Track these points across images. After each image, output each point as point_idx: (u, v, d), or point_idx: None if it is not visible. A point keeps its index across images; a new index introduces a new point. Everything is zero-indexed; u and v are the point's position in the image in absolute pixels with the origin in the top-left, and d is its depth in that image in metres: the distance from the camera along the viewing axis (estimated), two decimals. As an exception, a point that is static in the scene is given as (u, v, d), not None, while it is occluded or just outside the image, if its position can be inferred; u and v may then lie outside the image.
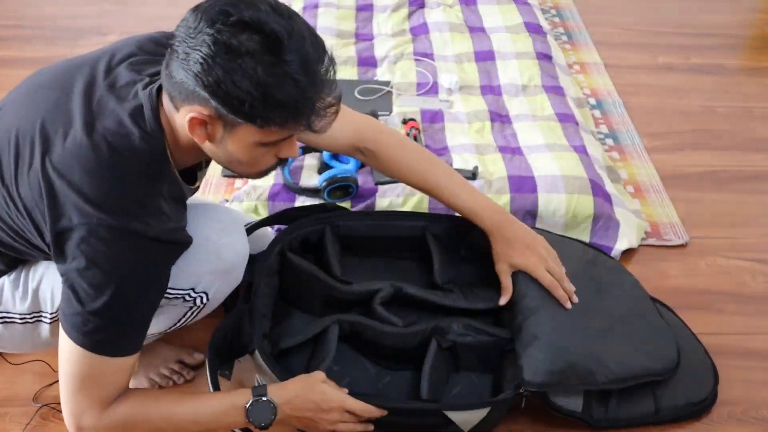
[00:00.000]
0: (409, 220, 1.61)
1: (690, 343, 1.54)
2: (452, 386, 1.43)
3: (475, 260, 1.56)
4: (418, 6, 2.72)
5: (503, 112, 2.19)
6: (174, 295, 1.25)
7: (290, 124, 1.06)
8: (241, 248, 1.31)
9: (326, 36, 2.53)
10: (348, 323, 1.41)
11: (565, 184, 1.83)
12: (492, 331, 1.43)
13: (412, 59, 2.42)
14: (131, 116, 1.10)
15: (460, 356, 1.43)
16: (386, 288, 1.47)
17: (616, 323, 1.46)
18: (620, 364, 1.38)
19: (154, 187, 1.11)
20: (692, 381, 1.46)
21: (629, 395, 1.40)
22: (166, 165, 1.13)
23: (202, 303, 1.29)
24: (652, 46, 2.75)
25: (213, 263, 1.25)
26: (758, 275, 1.78)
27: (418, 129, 2.04)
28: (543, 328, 1.38)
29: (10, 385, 1.47)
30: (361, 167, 1.95)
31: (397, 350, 1.42)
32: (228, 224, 1.31)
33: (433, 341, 1.40)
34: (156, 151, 1.11)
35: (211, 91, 1.00)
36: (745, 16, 3.05)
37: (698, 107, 2.41)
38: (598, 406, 1.39)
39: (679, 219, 1.93)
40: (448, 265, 1.57)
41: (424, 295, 1.48)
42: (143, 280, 1.10)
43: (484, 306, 1.48)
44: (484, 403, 1.33)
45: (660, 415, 1.41)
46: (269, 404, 1.20)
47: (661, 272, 1.78)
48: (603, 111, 2.37)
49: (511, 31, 2.54)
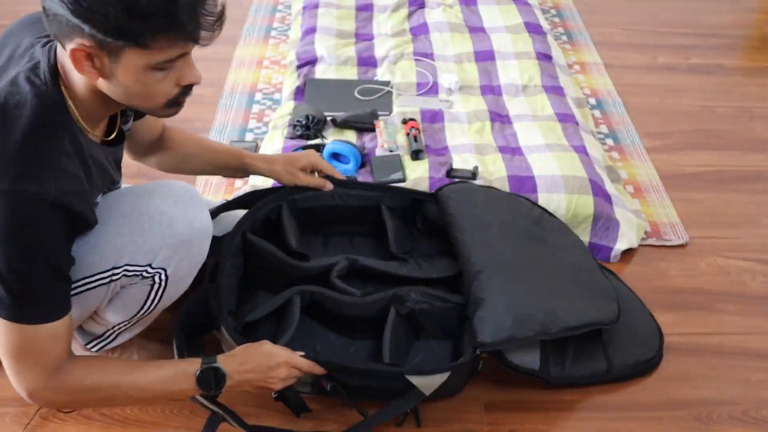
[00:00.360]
0: (365, 190, 1.65)
1: (637, 308, 1.63)
2: (414, 354, 1.48)
3: (431, 234, 1.64)
4: (418, 6, 2.72)
5: (503, 112, 2.19)
6: (132, 272, 1.24)
7: (170, 37, 1.02)
8: (198, 223, 1.27)
9: (326, 36, 2.53)
10: (309, 293, 1.45)
11: (565, 184, 1.83)
12: (448, 298, 1.48)
13: (412, 59, 2.42)
14: (26, 74, 1.09)
15: (420, 323, 1.47)
16: (342, 261, 1.52)
17: (562, 278, 1.53)
18: (568, 314, 1.43)
19: (52, 143, 1.07)
20: (640, 342, 1.55)
21: (582, 355, 1.48)
22: (64, 118, 1.10)
23: (161, 280, 1.27)
24: (652, 46, 2.75)
25: (166, 236, 1.24)
26: (758, 275, 1.78)
27: (418, 129, 2.04)
28: (489, 288, 1.43)
29: (10, 385, 1.46)
30: (361, 167, 1.95)
31: (358, 319, 1.46)
32: (183, 198, 1.28)
33: (391, 309, 1.44)
34: (50, 104, 1.08)
35: (79, 16, 0.98)
36: (745, 16, 3.05)
37: (698, 107, 2.41)
38: (554, 365, 1.45)
39: (679, 219, 1.93)
40: (403, 237, 1.63)
41: (379, 266, 1.53)
42: (41, 242, 1.07)
43: (439, 275, 1.54)
44: (444, 368, 1.35)
45: (612, 373, 1.49)
46: (218, 371, 1.21)
47: (661, 272, 1.78)
48: (603, 111, 2.37)
49: (511, 31, 2.54)
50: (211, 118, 2.28)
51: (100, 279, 1.23)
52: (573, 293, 1.50)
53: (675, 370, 1.53)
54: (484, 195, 1.67)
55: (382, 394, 1.37)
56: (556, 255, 1.59)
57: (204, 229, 1.29)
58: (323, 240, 1.67)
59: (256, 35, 2.76)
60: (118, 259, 1.22)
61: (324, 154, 1.95)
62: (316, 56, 2.44)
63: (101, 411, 1.42)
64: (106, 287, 1.24)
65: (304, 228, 1.63)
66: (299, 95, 2.28)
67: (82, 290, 1.22)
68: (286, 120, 2.15)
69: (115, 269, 1.23)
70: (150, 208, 1.23)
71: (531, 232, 1.61)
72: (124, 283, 1.25)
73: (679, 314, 1.65)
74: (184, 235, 1.25)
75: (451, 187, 1.67)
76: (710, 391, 1.50)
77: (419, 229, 1.67)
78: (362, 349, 1.48)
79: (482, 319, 1.39)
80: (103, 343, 1.38)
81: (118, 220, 1.23)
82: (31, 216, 1.05)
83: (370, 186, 1.68)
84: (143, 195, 1.26)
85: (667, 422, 1.43)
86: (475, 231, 1.54)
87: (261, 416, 1.40)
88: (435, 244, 1.64)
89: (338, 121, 2.08)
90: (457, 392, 1.44)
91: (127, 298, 1.29)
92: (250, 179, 1.92)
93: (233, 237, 1.48)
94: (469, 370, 1.42)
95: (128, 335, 1.40)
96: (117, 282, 1.24)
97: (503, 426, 1.41)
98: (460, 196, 1.63)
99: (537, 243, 1.59)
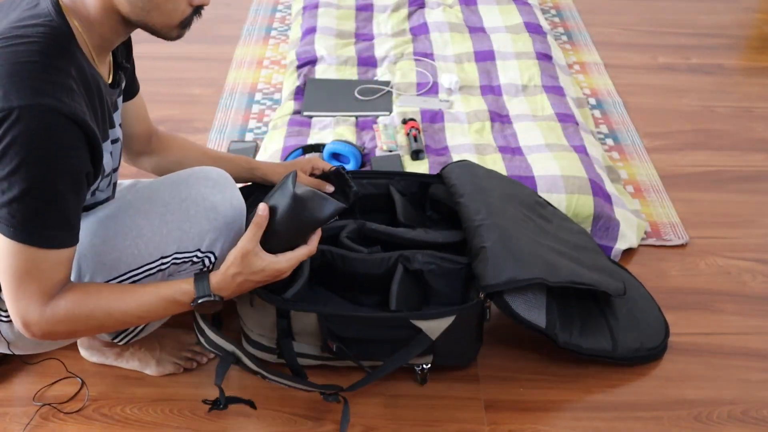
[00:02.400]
0: (374, 177, 1.69)
1: (645, 298, 1.64)
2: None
3: (441, 220, 1.67)
4: (418, 6, 2.72)
5: (503, 112, 2.19)
6: (182, 259, 1.26)
7: None
8: (236, 202, 1.31)
9: (326, 36, 2.53)
10: (319, 252, 1.46)
11: (565, 184, 1.83)
12: (455, 259, 1.48)
13: (412, 59, 2.42)
14: (30, 12, 1.09)
15: (428, 283, 1.48)
16: (350, 224, 1.54)
17: (567, 248, 1.54)
18: (571, 272, 1.45)
19: (60, 66, 1.07)
20: (647, 329, 1.57)
21: (589, 329, 1.50)
22: (71, 43, 1.10)
23: (211, 263, 1.30)
24: (652, 46, 2.75)
25: (212, 220, 1.26)
26: (758, 275, 1.78)
27: (418, 129, 2.04)
28: (490, 237, 1.45)
29: (10, 384, 1.47)
30: (361, 167, 1.95)
31: (367, 277, 1.47)
32: (219, 181, 1.30)
33: (399, 265, 1.46)
34: (58, 33, 1.09)
35: None
36: (745, 16, 3.05)
37: (698, 107, 2.41)
38: (561, 329, 1.46)
39: (678, 219, 1.93)
40: (412, 213, 1.66)
41: (386, 229, 1.55)
42: (59, 161, 1.06)
43: (445, 239, 1.55)
44: (449, 312, 1.37)
45: (616, 353, 1.50)
46: (216, 301, 1.21)
47: (661, 272, 1.78)
48: (603, 111, 2.37)
49: (511, 31, 2.54)
50: (211, 118, 2.28)
51: (147, 270, 1.24)
52: (577, 261, 1.51)
53: (675, 370, 1.53)
54: (485, 171, 1.70)
55: (390, 346, 1.38)
56: (561, 232, 1.60)
57: (241, 207, 1.32)
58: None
59: (256, 35, 2.76)
60: (165, 248, 1.24)
61: (324, 154, 1.95)
62: (316, 56, 2.44)
63: (101, 411, 1.42)
64: (153, 279, 1.25)
65: None
66: (299, 95, 2.28)
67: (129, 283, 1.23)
68: (286, 120, 2.16)
69: (163, 258, 1.24)
70: (192, 193, 1.25)
71: (534, 209, 1.64)
72: (173, 271, 1.27)
73: (678, 314, 1.65)
74: (228, 216, 1.28)
75: (453, 163, 1.70)
76: (710, 391, 1.50)
77: (429, 216, 1.70)
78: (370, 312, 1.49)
79: (483, 264, 1.41)
80: (132, 334, 1.39)
81: (158, 209, 1.24)
82: (52, 128, 1.04)
83: (380, 173, 1.70)
84: (179, 183, 1.27)
85: (667, 422, 1.43)
86: (476, 194, 1.56)
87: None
88: (443, 223, 1.66)
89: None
90: (467, 360, 1.47)
91: None
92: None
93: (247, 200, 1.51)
94: (476, 320, 1.44)
95: (158, 324, 1.42)
96: (165, 271, 1.26)
97: (503, 426, 1.41)
98: (462, 170, 1.65)
99: (540, 218, 1.61)
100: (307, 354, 1.43)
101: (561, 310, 1.47)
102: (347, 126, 2.12)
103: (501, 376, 1.49)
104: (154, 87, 2.39)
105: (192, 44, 2.63)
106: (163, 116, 2.26)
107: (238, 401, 1.36)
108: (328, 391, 1.36)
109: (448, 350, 1.42)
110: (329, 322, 1.36)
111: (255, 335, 1.44)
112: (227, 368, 1.32)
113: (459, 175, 1.63)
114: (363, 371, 1.39)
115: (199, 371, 1.50)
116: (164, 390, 1.47)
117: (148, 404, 1.44)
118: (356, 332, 1.37)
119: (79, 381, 1.47)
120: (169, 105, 2.34)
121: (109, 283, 1.24)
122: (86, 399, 1.44)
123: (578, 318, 1.50)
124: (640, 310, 1.60)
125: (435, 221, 1.69)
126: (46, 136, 1.03)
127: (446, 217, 1.66)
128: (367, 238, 1.54)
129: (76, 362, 1.50)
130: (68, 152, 1.07)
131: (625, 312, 1.57)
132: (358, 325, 1.37)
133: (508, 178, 1.74)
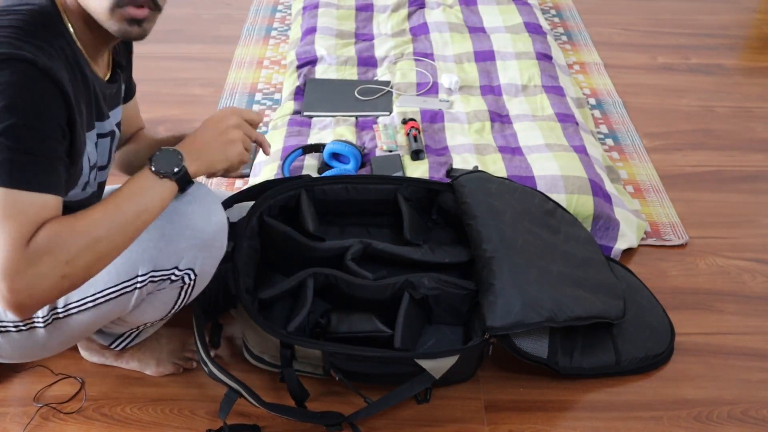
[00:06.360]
0: (381, 183, 1.67)
1: (649, 302, 1.64)
2: (426, 339, 1.50)
3: (446, 224, 1.66)
4: (418, 6, 2.72)
5: (503, 112, 2.19)
6: (160, 277, 1.23)
7: None
8: (216, 218, 1.26)
9: (326, 36, 2.53)
10: (323, 276, 1.48)
11: (565, 184, 1.83)
12: (461, 284, 1.49)
13: (412, 59, 2.42)
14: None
15: (431, 309, 1.49)
16: (356, 245, 1.54)
17: (572, 268, 1.54)
18: (577, 303, 1.45)
19: (41, 36, 1.07)
20: (651, 336, 1.56)
21: (591, 347, 1.50)
22: (57, 21, 1.10)
23: (191, 280, 1.27)
24: (652, 46, 2.75)
25: (189, 237, 1.22)
26: (758, 275, 1.78)
27: (418, 129, 2.04)
28: (500, 274, 1.44)
29: (10, 385, 1.47)
30: (361, 167, 1.95)
31: (371, 303, 1.47)
32: (197, 196, 1.25)
33: (405, 294, 1.46)
34: (44, 7, 1.09)
35: None
36: (745, 16, 3.05)
37: (698, 107, 2.41)
38: (563, 354, 1.46)
39: (678, 219, 1.93)
40: (418, 225, 1.65)
41: (392, 249, 1.55)
42: (36, 107, 1.03)
43: (452, 260, 1.55)
44: (452, 351, 1.37)
45: (621, 366, 1.50)
46: (178, 152, 1.17)
47: (661, 272, 1.78)
48: (603, 111, 2.37)
49: (511, 31, 2.55)
50: (211, 118, 2.28)
51: (122, 288, 1.21)
52: (581, 284, 1.51)
53: (675, 369, 1.53)
54: (498, 185, 1.68)
55: (393, 379, 1.38)
56: (567, 245, 1.60)
57: (222, 222, 1.28)
58: (339, 229, 1.70)
59: (256, 35, 2.77)
60: (141, 266, 1.20)
61: (324, 154, 1.95)
62: (316, 56, 2.44)
63: (101, 411, 1.42)
64: (130, 295, 1.22)
65: (321, 218, 1.66)
66: (299, 95, 2.28)
67: (102, 301, 1.21)
68: (287, 120, 2.16)
69: (138, 277, 1.21)
70: (167, 210, 1.19)
71: (543, 221, 1.63)
72: (151, 289, 1.24)
73: (678, 314, 1.65)
74: (206, 233, 1.24)
75: (466, 176, 1.68)
76: (710, 391, 1.50)
77: (434, 220, 1.69)
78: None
79: (492, 303, 1.40)
80: (127, 340, 1.39)
81: None
82: (29, 77, 1.02)
83: (387, 178, 1.69)
84: None
85: (667, 422, 1.43)
86: (489, 218, 1.55)
87: (278, 398, 1.40)
88: (450, 233, 1.66)
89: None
90: (466, 378, 1.46)
91: (157, 302, 1.28)
92: (249, 180, 1.92)
93: (249, 219, 1.51)
94: (479, 355, 1.44)
95: (153, 330, 1.42)
96: (143, 289, 1.23)
97: (503, 426, 1.41)
98: (474, 185, 1.64)
99: (549, 232, 1.61)
100: (309, 372, 1.43)
101: (563, 332, 1.48)
102: (347, 126, 2.12)
103: (501, 376, 1.50)
104: (154, 87, 2.39)
105: (192, 44, 2.64)
106: (163, 116, 2.26)
107: (243, 428, 1.37)
108: (330, 422, 1.34)
109: (448, 377, 1.40)
110: (333, 356, 1.36)
111: (257, 351, 1.44)
112: (232, 405, 1.32)
113: (472, 192, 1.61)
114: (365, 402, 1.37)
115: (199, 371, 1.50)
116: (164, 390, 1.47)
117: (148, 404, 1.44)
118: (360, 367, 1.37)
119: (78, 381, 1.47)
120: (169, 105, 2.34)
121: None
122: (85, 399, 1.44)
123: (580, 335, 1.50)
124: (644, 314, 1.59)
125: (439, 225, 1.69)
126: (23, 86, 1.02)
127: (451, 222, 1.66)
128: (373, 257, 1.55)
129: (75, 362, 1.50)
130: (49, 103, 1.04)
131: (630, 318, 1.56)
132: (363, 362, 1.37)
133: (520, 188, 1.71)
